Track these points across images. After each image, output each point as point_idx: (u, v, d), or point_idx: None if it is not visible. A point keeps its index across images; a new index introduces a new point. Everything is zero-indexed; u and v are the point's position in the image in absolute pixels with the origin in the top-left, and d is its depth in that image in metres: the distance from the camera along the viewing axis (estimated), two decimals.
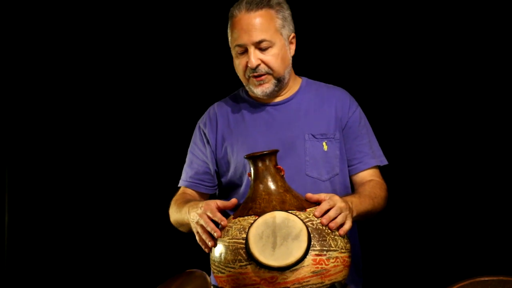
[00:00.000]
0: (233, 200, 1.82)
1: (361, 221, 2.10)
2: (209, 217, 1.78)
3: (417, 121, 2.85)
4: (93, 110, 3.03)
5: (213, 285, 1.76)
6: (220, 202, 1.81)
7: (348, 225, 1.75)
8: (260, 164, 1.81)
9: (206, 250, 1.80)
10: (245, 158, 1.85)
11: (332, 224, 1.71)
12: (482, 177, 2.76)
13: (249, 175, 1.85)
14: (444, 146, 2.82)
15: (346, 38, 2.90)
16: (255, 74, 2.02)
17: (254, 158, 1.82)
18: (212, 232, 1.75)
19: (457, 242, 2.78)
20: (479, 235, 2.74)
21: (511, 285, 1.65)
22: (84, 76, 3.02)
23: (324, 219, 1.71)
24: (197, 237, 1.83)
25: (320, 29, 2.85)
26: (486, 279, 1.66)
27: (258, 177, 1.81)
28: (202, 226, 1.79)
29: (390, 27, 2.85)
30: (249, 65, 2.00)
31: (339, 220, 1.73)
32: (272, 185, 1.79)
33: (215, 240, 1.76)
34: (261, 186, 1.79)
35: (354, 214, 1.83)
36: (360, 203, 1.91)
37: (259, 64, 2.00)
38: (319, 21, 2.83)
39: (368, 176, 2.11)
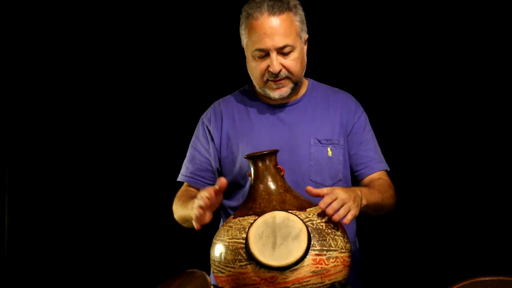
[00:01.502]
0: (221, 179, 1.77)
1: (360, 223, 2.10)
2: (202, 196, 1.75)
3: (414, 123, 2.85)
4: (92, 109, 3.03)
5: (213, 285, 1.76)
6: (214, 188, 1.77)
7: (352, 213, 1.72)
8: (260, 164, 1.81)
9: (196, 226, 1.76)
10: (245, 158, 1.85)
11: (335, 217, 1.70)
12: (482, 177, 2.76)
13: (249, 174, 1.85)
14: (442, 146, 2.82)
15: (349, 41, 2.89)
16: (275, 78, 2.00)
17: (254, 158, 1.82)
18: (201, 203, 1.72)
19: (457, 242, 2.78)
20: (479, 235, 2.75)
21: (511, 285, 1.65)
22: (83, 74, 3.02)
23: (329, 209, 1.69)
24: (193, 219, 1.79)
25: (325, 30, 2.84)
26: (486, 279, 1.66)
27: (258, 177, 1.81)
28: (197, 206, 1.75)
29: (394, 30, 2.85)
30: (271, 70, 1.97)
31: (341, 212, 1.71)
32: (272, 185, 1.79)
33: (204, 210, 1.73)
34: (261, 186, 1.79)
35: (364, 202, 1.81)
36: (370, 193, 1.89)
37: (280, 69, 1.98)
38: (324, 23, 2.81)
39: (376, 176, 2.11)
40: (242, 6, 2.04)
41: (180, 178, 2.19)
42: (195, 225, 1.77)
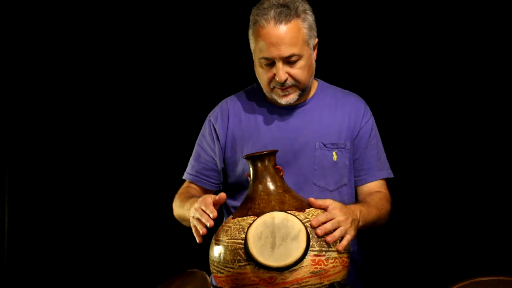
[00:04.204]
0: (222, 194, 1.78)
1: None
2: (203, 210, 1.75)
3: (415, 124, 2.84)
4: (93, 108, 3.02)
5: (213, 285, 1.76)
6: (214, 197, 1.78)
7: (347, 238, 1.72)
8: (259, 165, 1.81)
9: (198, 240, 1.77)
10: (244, 158, 1.85)
11: (328, 238, 1.69)
12: (481, 177, 2.76)
13: (248, 175, 1.85)
14: (443, 146, 2.82)
15: (359, 42, 2.88)
16: (282, 87, 1.98)
17: (253, 158, 1.82)
18: (205, 221, 1.73)
19: (457, 242, 2.78)
20: (479, 235, 2.74)
21: (511, 285, 1.64)
22: (84, 73, 3.01)
23: (319, 230, 1.68)
24: (193, 229, 1.80)
25: (335, 31, 2.82)
26: (486, 279, 1.66)
27: (257, 177, 1.81)
28: (197, 219, 1.76)
29: (402, 32, 2.84)
30: (277, 79, 1.95)
31: (337, 234, 1.70)
32: (271, 186, 1.79)
33: (207, 229, 1.73)
34: (260, 186, 1.79)
35: (361, 224, 1.81)
36: (368, 213, 1.88)
37: (286, 78, 1.97)
38: (334, 23, 2.79)
39: (375, 187, 2.09)
40: (251, 4, 2.01)
41: (185, 176, 2.18)
42: (197, 239, 1.78)
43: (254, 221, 1.69)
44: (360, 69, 2.87)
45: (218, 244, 1.73)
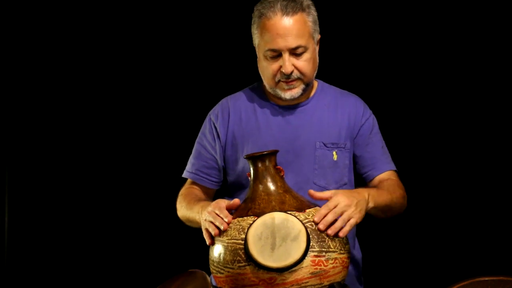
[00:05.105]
0: (236, 200, 1.80)
1: (360, 225, 2.09)
2: (217, 214, 1.77)
3: (414, 126, 2.85)
4: (92, 108, 3.02)
5: (213, 285, 1.76)
6: (227, 202, 1.80)
7: (350, 223, 1.71)
8: (259, 165, 1.81)
9: (208, 241, 1.78)
10: (245, 158, 1.85)
11: (329, 231, 1.69)
12: (482, 177, 2.76)
13: (249, 175, 1.85)
14: (443, 146, 2.82)
15: (358, 42, 2.88)
16: (287, 80, 1.99)
17: (253, 158, 1.81)
18: (218, 224, 1.74)
19: (457, 242, 2.78)
20: (479, 235, 2.74)
21: (511, 285, 1.65)
22: (83, 73, 3.02)
23: (321, 225, 1.69)
24: (204, 232, 1.81)
25: (334, 31, 2.81)
26: (486, 279, 1.66)
27: (258, 178, 1.81)
28: (210, 222, 1.77)
29: (401, 31, 2.84)
30: (283, 71, 1.96)
31: (338, 224, 1.70)
32: (271, 186, 1.79)
33: (220, 232, 1.74)
34: (260, 186, 1.79)
35: (371, 205, 1.80)
36: (379, 195, 1.88)
37: (292, 70, 1.97)
38: (334, 23, 2.78)
39: (385, 177, 2.09)
40: (254, 4, 2.02)
41: (185, 174, 2.18)
42: (207, 241, 1.78)
43: (254, 221, 1.69)
44: (360, 69, 2.87)
45: (218, 244, 1.73)
